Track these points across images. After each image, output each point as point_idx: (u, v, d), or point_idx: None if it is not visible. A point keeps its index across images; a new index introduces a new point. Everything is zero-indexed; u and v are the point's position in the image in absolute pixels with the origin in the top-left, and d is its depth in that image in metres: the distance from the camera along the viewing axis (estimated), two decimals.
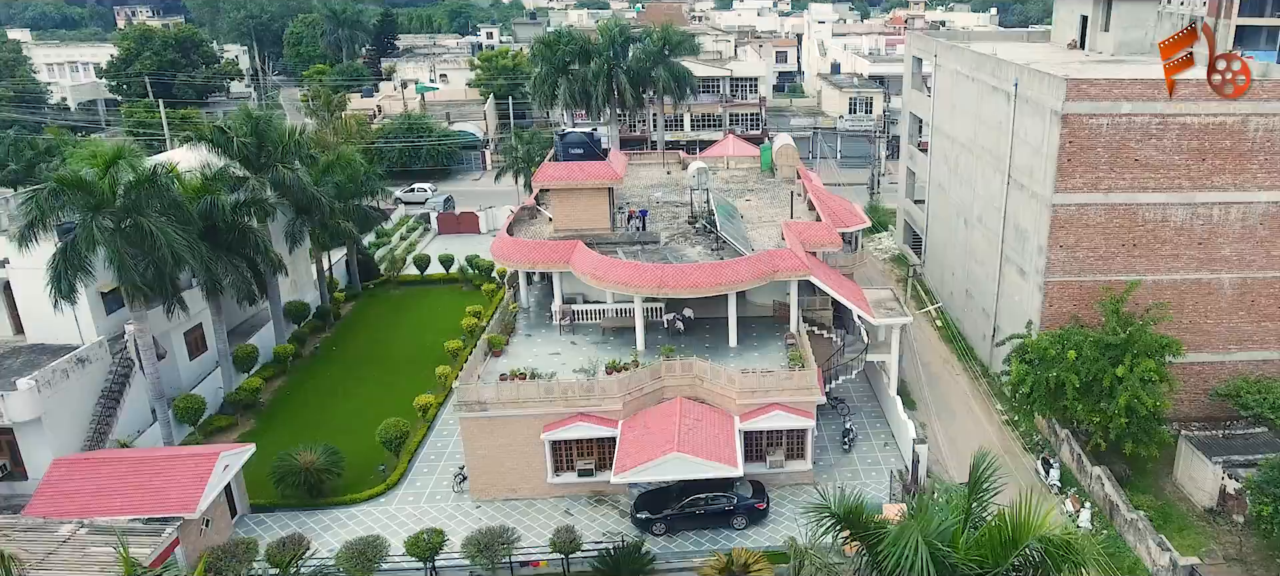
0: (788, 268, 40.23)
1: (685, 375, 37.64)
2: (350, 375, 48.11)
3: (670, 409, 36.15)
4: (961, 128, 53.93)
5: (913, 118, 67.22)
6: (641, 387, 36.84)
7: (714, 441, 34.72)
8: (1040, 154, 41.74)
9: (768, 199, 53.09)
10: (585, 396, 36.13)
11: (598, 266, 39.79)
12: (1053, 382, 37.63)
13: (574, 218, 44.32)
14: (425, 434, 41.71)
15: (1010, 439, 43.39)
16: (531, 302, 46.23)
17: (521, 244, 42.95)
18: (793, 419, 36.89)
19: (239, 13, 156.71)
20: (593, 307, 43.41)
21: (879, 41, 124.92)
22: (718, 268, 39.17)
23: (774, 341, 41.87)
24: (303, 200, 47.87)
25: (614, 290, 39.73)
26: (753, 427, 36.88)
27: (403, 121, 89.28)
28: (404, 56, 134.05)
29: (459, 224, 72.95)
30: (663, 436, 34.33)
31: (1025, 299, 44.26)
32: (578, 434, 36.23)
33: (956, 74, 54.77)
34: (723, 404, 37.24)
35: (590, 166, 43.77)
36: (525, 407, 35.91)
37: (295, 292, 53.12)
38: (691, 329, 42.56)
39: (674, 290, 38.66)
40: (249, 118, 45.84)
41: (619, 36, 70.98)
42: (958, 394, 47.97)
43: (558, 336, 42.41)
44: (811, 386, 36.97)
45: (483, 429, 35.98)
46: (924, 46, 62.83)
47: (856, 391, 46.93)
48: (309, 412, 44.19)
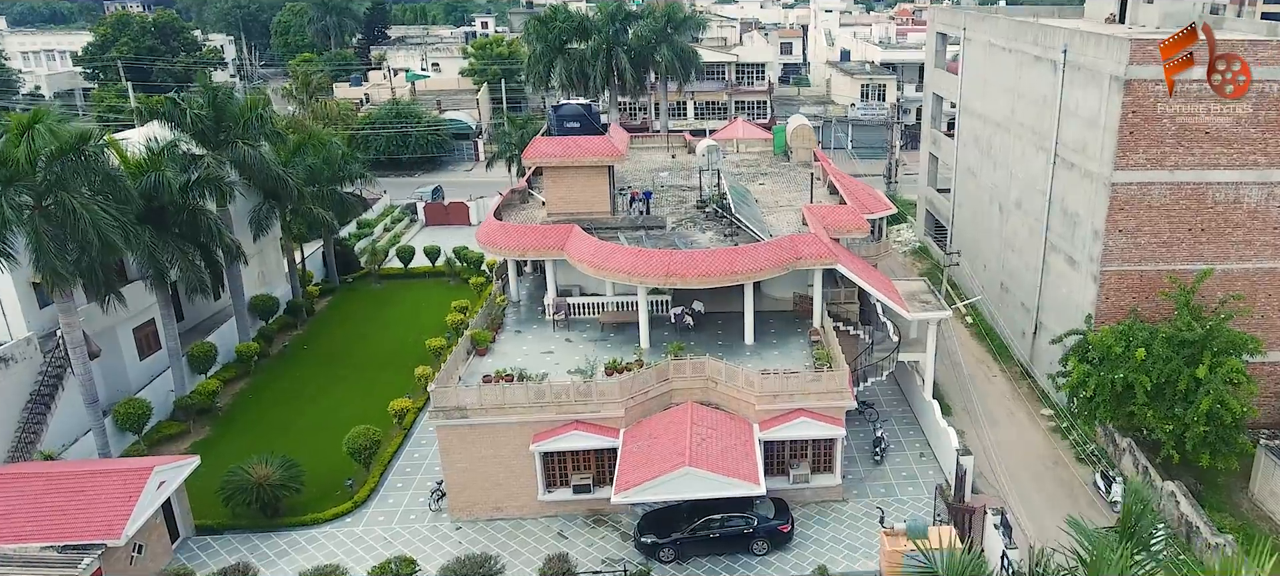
0: (812, 254, 35.41)
1: (696, 377, 32.84)
2: (322, 376, 43.27)
3: (680, 416, 31.34)
4: (996, 105, 49.14)
5: (935, 99, 62.47)
6: (646, 391, 32.02)
7: (731, 453, 29.89)
8: (1096, 127, 36.93)
9: (783, 183, 48.30)
10: (581, 401, 31.30)
11: (596, 253, 34.97)
12: (1119, 385, 32.81)
13: (570, 200, 39.50)
14: (401, 443, 36.89)
15: (1059, 448, 38.58)
16: (522, 296, 41.40)
17: (511, 229, 38.13)
18: (820, 426, 32.06)
19: (226, 3, 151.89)
20: (590, 300, 38.60)
21: (890, 29, 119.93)
22: (733, 254, 34.35)
23: (795, 338, 37.06)
24: (268, 182, 43.04)
25: (615, 280, 34.85)
26: (774, 437, 32.08)
27: (390, 108, 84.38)
28: (395, 45, 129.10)
29: (447, 215, 68.10)
30: (672, 448, 29.51)
31: (1076, 291, 39.44)
32: (573, 444, 31.38)
33: (990, 46, 49.99)
34: (740, 410, 32.44)
35: (588, 142, 38.95)
36: (512, 414, 31.07)
37: (263, 286, 48.26)
38: (702, 324, 37.75)
39: (683, 280, 33.80)
40: (206, 90, 41.01)
41: (619, 13, 66.06)
42: (996, 397, 43.14)
43: (551, 333, 37.59)
44: (841, 389, 32.16)
45: (463, 438, 31.13)
46: (950, 20, 58.03)
47: (884, 395, 42.17)
48: (273, 418, 39.36)
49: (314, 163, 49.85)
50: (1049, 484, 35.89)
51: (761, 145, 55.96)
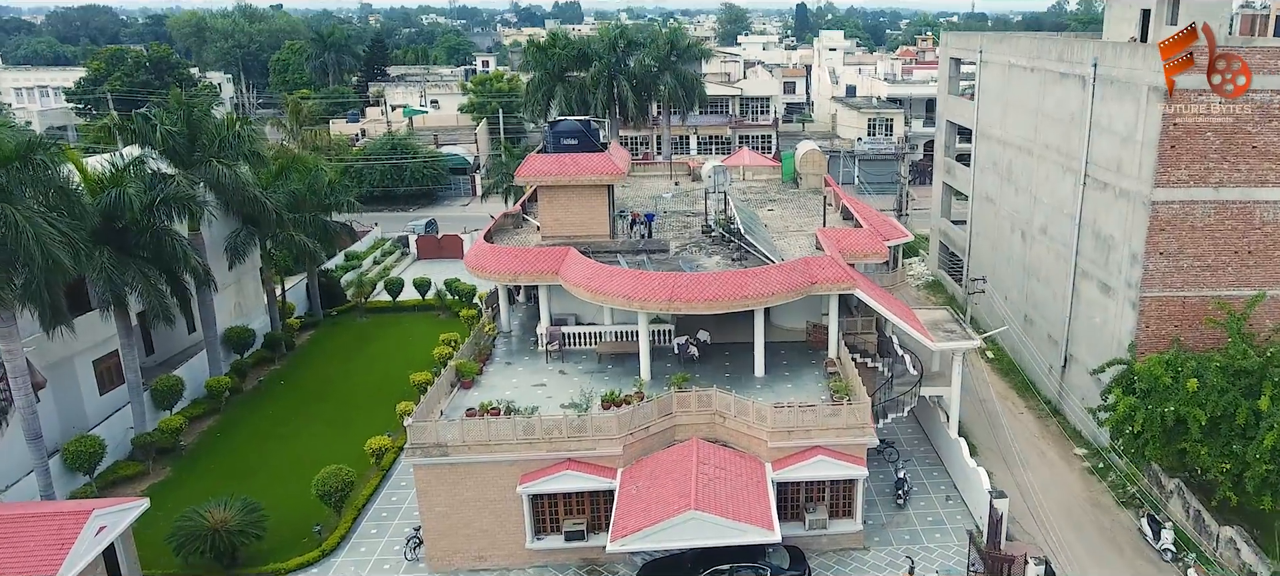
0: (828, 278, 32.51)
1: (703, 411, 29.80)
2: (298, 413, 40.20)
3: (684, 453, 28.24)
4: (1016, 127, 46.56)
5: (949, 126, 59.93)
6: (647, 426, 28.96)
7: (741, 496, 26.75)
8: (1133, 143, 34.24)
9: (794, 209, 45.57)
10: (575, 437, 28.23)
11: (593, 277, 32.12)
12: (1169, 419, 29.67)
13: (565, 222, 36.74)
14: (378, 484, 33.76)
15: (1098, 491, 35.34)
16: (514, 327, 38.48)
17: (501, 252, 35.31)
18: (840, 466, 28.92)
19: (226, 43, 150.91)
20: (587, 330, 35.67)
21: (895, 66, 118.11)
22: (742, 278, 31.46)
23: (809, 370, 34.04)
24: (246, 206, 40.39)
25: (614, 306, 31.97)
26: (789, 477, 28.93)
27: (385, 141, 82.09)
28: (394, 83, 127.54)
29: (440, 248, 65.38)
30: (675, 489, 26.38)
31: (1111, 320, 36.46)
32: (565, 486, 28.26)
33: (1010, 67, 47.54)
34: (750, 447, 29.34)
35: (586, 159, 36.29)
36: (498, 451, 27.98)
37: (240, 317, 45.38)
38: (708, 356, 34.78)
39: (688, 305, 30.89)
40: (180, 106, 38.51)
41: (620, 40, 63.86)
42: (1024, 436, 39.94)
43: (544, 365, 34.59)
44: (863, 424, 29.07)
45: (442, 479, 28.01)
46: (965, 43, 55.70)
47: (903, 433, 39.07)
48: (241, 459, 36.26)
49: (298, 188, 47.26)
50: (1090, 530, 32.62)
51: (769, 173, 53.34)
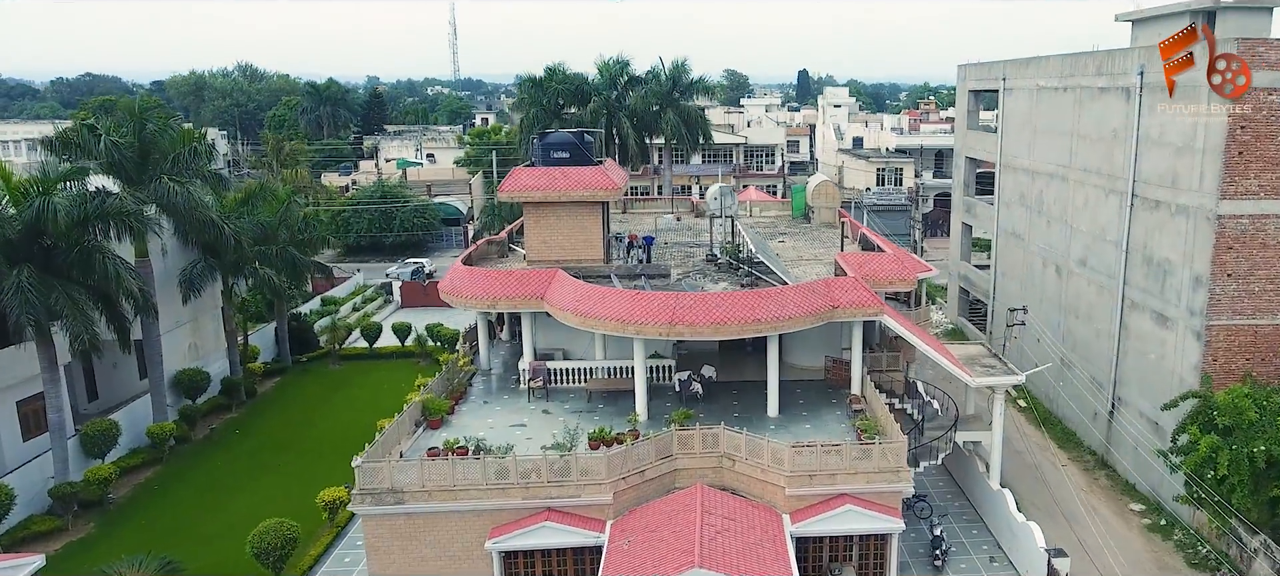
0: (852, 302, 28.32)
1: (708, 452, 25.39)
2: (251, 465, 35.72)
3: (686, 501, 23.75)
4: (1048, 153, 42.81)
5: (969, 163, 56.26)
6: (642, 470, 24.52)
7: (755, 553, 22.20)
8: (1191, 152, 30.37)
9: (806, 240, 41.59)
10: (557, 482, 23.79)
11: (583, 299, 27.95)
12: (1260, 459, 25.18)
13: (554, 244, 32.74)
14: (330, 543, 29.14)
15: (1162, 549, 30.61)
16: (495, 365, 34.24)
17: (479, 275, 31.19)
18: (870, 517, 24.39)
19: (224, 101, 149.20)
20: (576, 365, 31.39)
21: (902, 121, 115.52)
22: (755, 299, 27.24)
23: (830, 410, 29.66)
24: (202, 231, 36.51)
25: (606, 331, 27.67)
26: (810, 532, 24.39)
27: (376, 188, 78.69)
28: (391, 137, 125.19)
29: (426, 295, 61.20)
30: (675, 544, 21.85)
31: (1170, 354, 32.14)
32: (543, 540, 23.68)
33: (1038, 90, 44.00)
34: (765, 495, 24.87)
35: (577, 173, 32.43)
36: (464, 498, 23.51)
37: (197, 359, 41.11)
38: (713, 395, 30.43)
39: (692, 329, 26.59)
40: (132, 116, 34.89)
41: (621, 75, 60.62)
42: (1071, 490, 35.25)
43: (525, 404, 30.25)
44: (898, 468, 24.61)
45: (396, 531, 23.48)
46: (985, 74, 52.28)
47: (932, 486, 34.51)
48: (178, 514, 31.72)
49: (267, 220, 43.51)
50: None
51: (778, 209, 49.54)
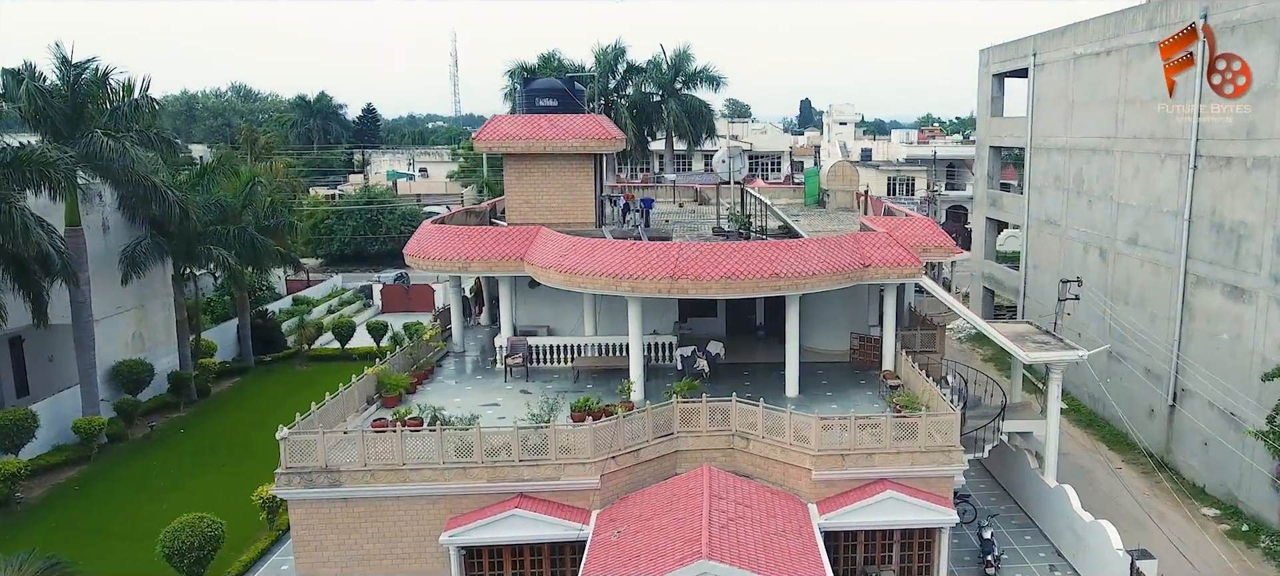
0: (886, 260, 24.04)
1: (717, 431, 21.01)
2: (192, 464, 31.25)
3: (690, 485, 19.30)
4: (1089, 127, 38.74)
5: (993, 153, 52.23)
6: (636, 447, 20.11)
7: (777, 546, 17.71)
8: (1273, 92, 26.25)
9: (824, 219, 37.26)
10: (531, 460, 19.37)
11: (569, 254, 23.64)
12: None
13: (539, 203, 28.48)
14: (268, 548, 24.57)
15: (1252, 558, 26.01)
16: (471, 348, 29.92)
17: (452, 234, 26.89)
18: (917, 507, 19.92)
19: (216, 121, 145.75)
20: (562, 342, 27.06)
21: (911, 135, 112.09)
22: (772, 251, 22.92)
23: (858, 391, 25.25)
24: (140, 199, 32.39)
25: (596, 288, 23.27)
26: (842, 524, 19.94)
27: (361, 195, 74.77)
28: (383, 150, 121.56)
29: (408, 299, 57.03)
30: (677, 532, 17.37)
31: (1249, 331, 27.76)
32: (514, 533, 19.18)
33: (1075, 60, 40.03)
34: (786, 482, 20.44)
35: (566, 121, 28.26)
36: (416, 480, 19.08)
37: (142, 351, 36.72)
38: (721, 377, 26.00)
39: (698, 284, 22.20)
40: (64, 65, 30.89)
41: (618, 62, 56.73)
42: (1131, 495, 30.72)
43: (502, 385, 25.86)
44: (950, 448, 20.20)
45: (331, 521, 19.02)
46: (1010, 54, 48.31)
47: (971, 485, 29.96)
48: (98, 514, 27.21)
49: (226, 198, 39.46)
50: None
51: (789, 195, 45.32)
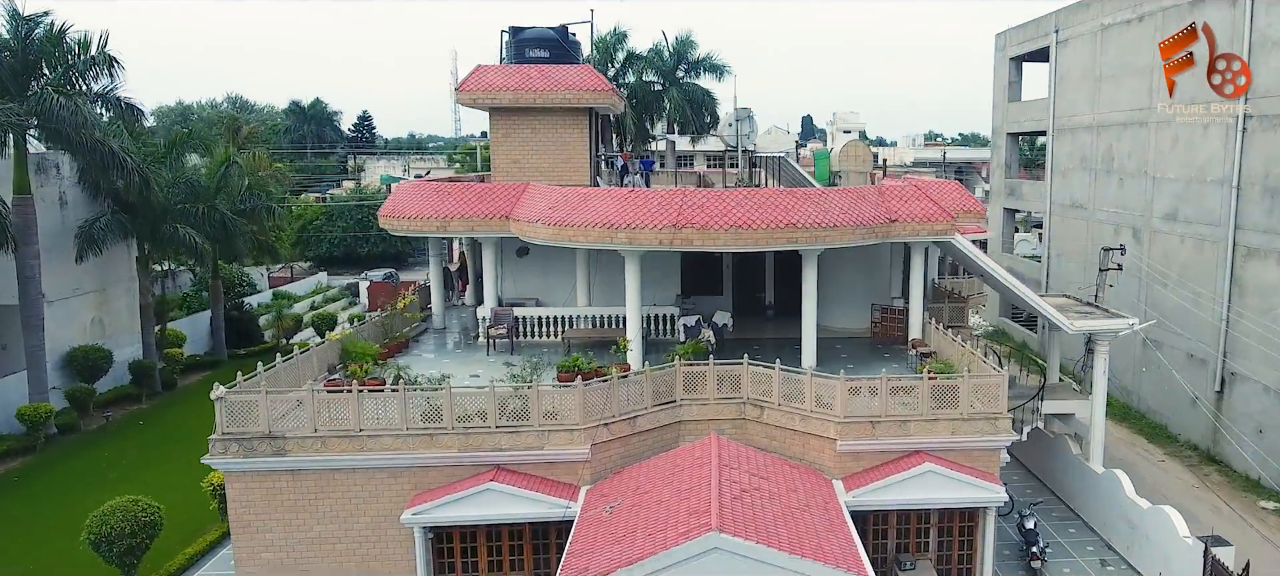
0: (915, 215, 21.37)
1: (726, 399, 18.29)
2: (148, 456, 28.46)
3: (695, 455, 16.54)
4: (1120, 100, 36.22)
5: (1011, 140, 49.74)
6: (633, 414, 17.39)
7: (799, 520, 14.93)
8: None
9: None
10: (510, 426, 16.64)
11: (559, 205, 20.92)
12: None
13: (528, 163, 25.78)
14: (218, 541, 21.71)
15: None
16: (453, 326, 27.26)
17: (431, 189, 24.27)
18: (959, 483, 17.16)
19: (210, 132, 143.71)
20: (552, 313, 24.37)
21: (918, 140, 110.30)
22: (789, 199, 20.27)
23: (882, 364, 22.49)
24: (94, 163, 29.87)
25: (589, 241, 20.41)
26: (871, 502, 17.17)
27: (351, 195, 72.42)
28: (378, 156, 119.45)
29: (396, 296, 54.25)
30: (680, 505, 14.60)
31: None
32: (488, 510, 16.38)
33: (1103, 31, 37.57)
34: (807, 455, 17.70)
35: (559, 72, 25.67)
36: (375, 449, 16.33)
37: (102, 337, 33.98)
38: (728, 350, 23.23)
39: (704, 235, 19.36)
40: (14, 18, 28.43)
41: (616, 49, 54.15)
42: (1179, 490, 27.91)
43: (485, 358, 23.14)
44: (996, 414, 17.47)
45: (275, 496, 16.26)
46: (1031, 33, 45.85)
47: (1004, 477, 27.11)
48: (37, 506, 24.46)
49: (197, 176, 36.96)
50: None
51: None
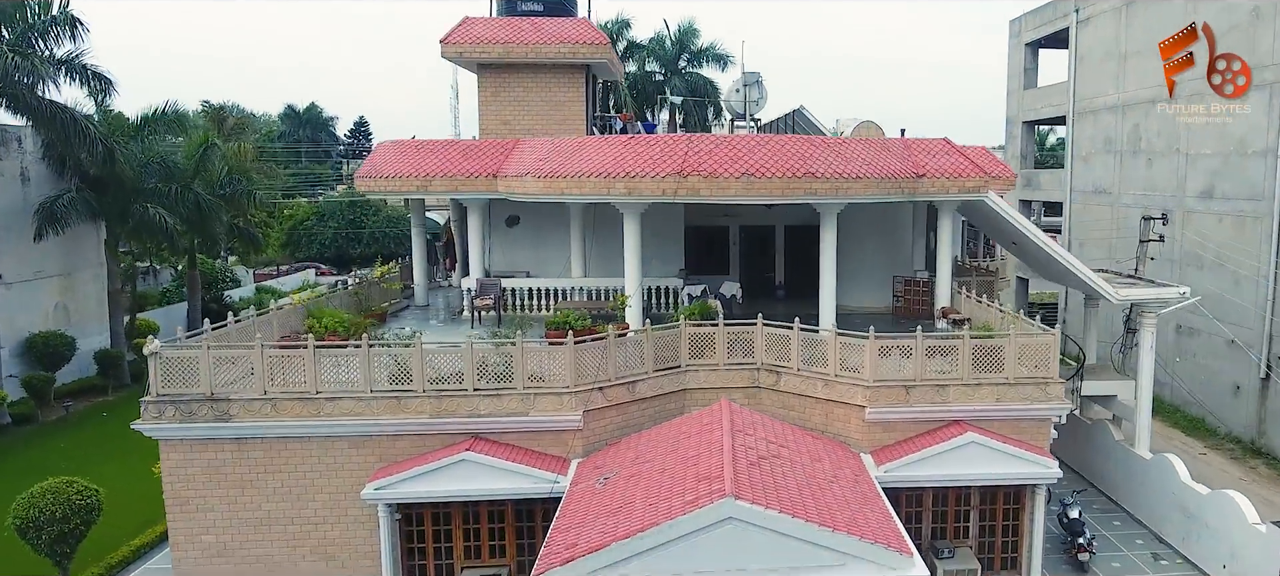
0: (945, 171, 19.26)
1: (738, 362, 16.16)
2: (109, 448, 26.21)
3: (704, 420, 14.36)
4: (1149, 77, 34.10)
5: (1026, 128, 47.72)
6: (631, 379, 15.24)
7: (825, 492, 12.73)
8: None
9: None
10: (490, 390, 14.51)
11: (550, 156, 18.82)
12: None
13: (519, 123, 23.72)
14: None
15: None
16: (437, 304, 25.13)
17: (412, 148, 22.11)
18: (1005, 457, 14.99)
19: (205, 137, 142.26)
20: (543, 285, 22.24)
21: None
22: (806, 147, 18.10)
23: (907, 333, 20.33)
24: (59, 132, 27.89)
25: (584, 193, 18.17)
26: (904, 478, 15.01)
27: (344, 196, 70.47)
28: None
29: None
30: (686, 472, 12.42)
31: None
32: (463, 485, 14.15)
33: (1128, 6, 35.68)
34: (830, 427, 15.54)
35: (553, 25, 23.63)
36: (334, 414, 14.17)
37: (67, 324, 31.84)
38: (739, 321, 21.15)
39: (712, 184, 17.12)
40: None
41: (617, 38, 52.44)
42: (1223, 482, 25.51)
43: (470, 332, 20.93)
44: (1047, 379, 15.32)
45: (217, 472, 14.06)
46: (1049, 16, 43.80)
47: None
48: None
49: (174, 157, 35.05)
50: None
51: None
